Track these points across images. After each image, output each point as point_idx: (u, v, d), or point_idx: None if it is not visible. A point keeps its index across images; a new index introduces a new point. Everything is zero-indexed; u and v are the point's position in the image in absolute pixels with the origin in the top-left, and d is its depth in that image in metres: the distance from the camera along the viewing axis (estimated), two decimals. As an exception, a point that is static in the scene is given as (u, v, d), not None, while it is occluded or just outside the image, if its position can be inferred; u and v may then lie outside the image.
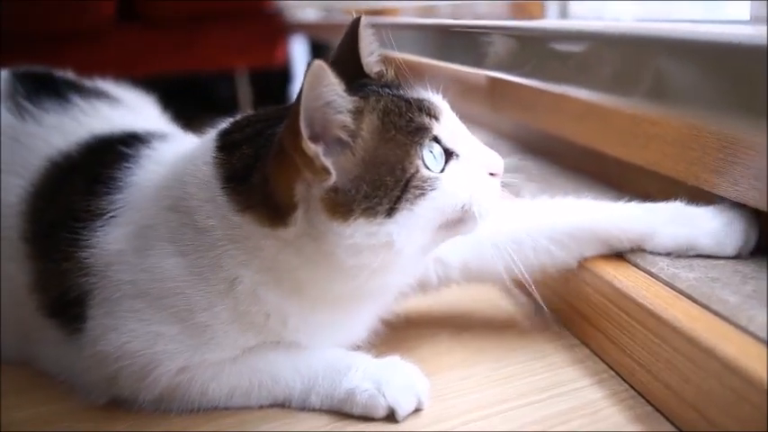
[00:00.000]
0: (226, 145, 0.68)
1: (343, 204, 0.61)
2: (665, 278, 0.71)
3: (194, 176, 0.67)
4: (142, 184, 0.72)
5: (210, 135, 0.71)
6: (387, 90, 0.66)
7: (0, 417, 0.72)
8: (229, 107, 2.29)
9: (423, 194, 0.62)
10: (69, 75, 0.99)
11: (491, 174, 0.68)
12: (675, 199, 0.76)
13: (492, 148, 1.26)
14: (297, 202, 0.62)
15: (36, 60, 0.99)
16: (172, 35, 2.05)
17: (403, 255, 0.64)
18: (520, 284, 0.96)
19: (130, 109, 0.95)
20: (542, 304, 0.80)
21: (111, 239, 0.69)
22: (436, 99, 0.69)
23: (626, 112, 0.88)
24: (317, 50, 2.57)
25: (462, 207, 0.65)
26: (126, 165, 0.74)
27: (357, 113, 0.62)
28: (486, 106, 1.35)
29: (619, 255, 0.79)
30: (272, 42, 2.33)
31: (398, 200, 0.61)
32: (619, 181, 0.99)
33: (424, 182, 0.62)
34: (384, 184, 0.61)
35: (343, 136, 0.62)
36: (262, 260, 0.65)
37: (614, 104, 0.84)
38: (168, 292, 0.66)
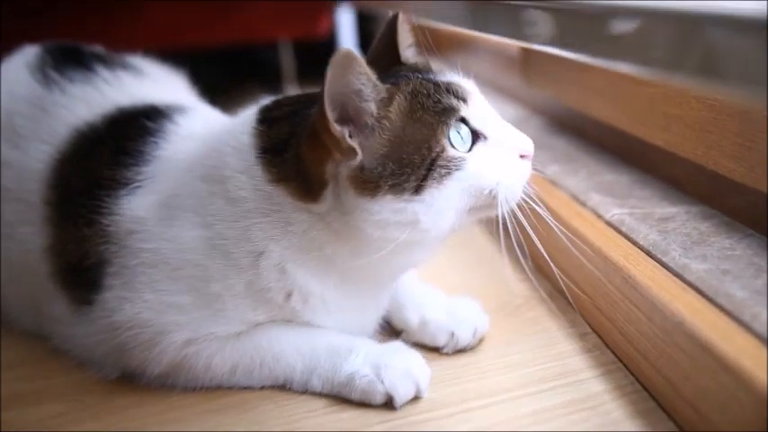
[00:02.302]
0: (266, 119, 0.70)
1: (370, 181, 0.62)
2: (675, 268, 0.69)
3: (232, 146, 0.69)
4: (170, 157, 0.74)
5: (251, 110, 0.73)
6: (417, 74, 0.67)
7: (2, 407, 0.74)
8: (273, 77, 2.31)
9: (449, 173, 0.62)
10: (98, 48, 1.00)
11: (521, 156, 0.67)
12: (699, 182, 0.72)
13: (523, 122, 1.25)
14: (327, 179, 0.64)
15: (78, 33, 1.01)
16: (212, 6, 2.05)
17: (429, 233, 0.65)
18: (537, 266, 0.95)
19: (156, 82, 0.96)
20: (563, 283, 0.78)
21: (134, 207, 0.71)
22: (465, 82, 0.69)
23: (648, 90, 0.84)
24: (364, 21, 2.54)
25: (490, 191, 0.64)
26: (152, 138, 0.76)
27: (387, 99, 0.63)
28: (518, 79, 1.31)
29: (632, 241, 0.77)
30: (315, 13, 2.30)
31: (425, 178, 0.62)
32: (644, 162, 0.95)
33: (450, 161, 0.63)
34: (411, 163, 0.62)
35: (371, 121, 0.63)
36: (292, 235, 0.66)
37: (661, 81, 0.80)
38: (186, 263, 0.68)
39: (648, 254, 0.73)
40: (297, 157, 0.65)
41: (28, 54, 0.92)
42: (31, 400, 0.74)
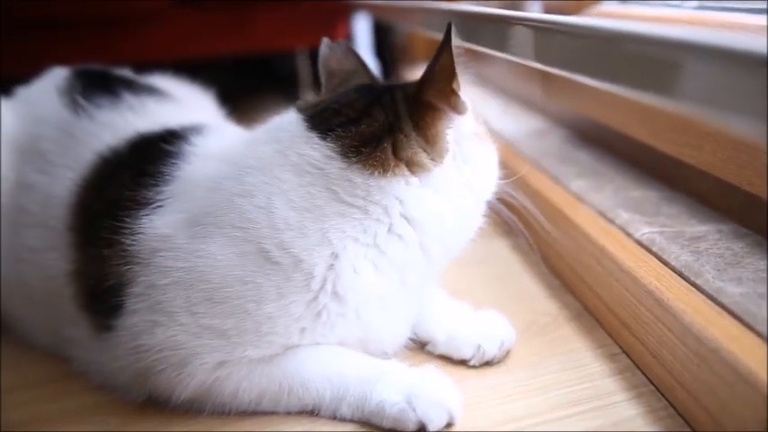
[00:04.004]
0: (335, 123, 0.70)
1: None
2: (709, 291, 0.67)
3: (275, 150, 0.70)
4: (188, 177, 0.73)
5: (287, 117, 0.74)
6: None
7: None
8: (290, 85, 2.31)
9: None
10: (126, 72, 1.00)
11: None
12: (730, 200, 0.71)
13: (545, 135, 1.24)
14: (448, 144, 0.70)
15: (93, 46, 1.01)
16: (228, 16, 2.05)
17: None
18: (565, 284, 0.94)
19: (181, 104, 0.96)
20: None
21: (157, 225, 0.70)
22: None
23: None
24: (380, 31, 2.53)
25: None
26: (171, 160, 0.75)
27: None
28: (540, 93, 1.30)
29: (664, 261, 0.75)
30: (332, 22, 2.30)
31: None
32: (670, 177, 0.94)
33: None
34: None
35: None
36: (367, 229, 0.68)
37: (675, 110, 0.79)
38: (231, 280, 0.66)
39: (681, 275, 0.71)
40: (398, 114, 0.69)
41: (57, 77, 0.93)
42: (56, 421, 0.74)
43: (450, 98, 0.68)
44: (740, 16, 0.86)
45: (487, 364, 0.77)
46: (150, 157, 0.77)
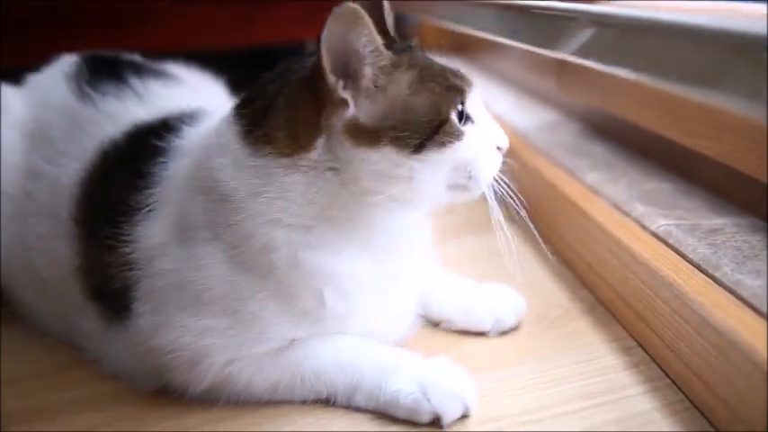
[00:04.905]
0: (244, 102, 0.70)
1: (370, 132, 0.63)
2: (727, 284, 0.66)
3: (218, 144, 0.68)
4: (173, 176, 0.72)
5: (233, 103, 0.72)
6: (420, 52, 0.69)
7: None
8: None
9: (450, 142, 0.64)
10: (136, 57, 0.99)
11: (498, 148, 0.70)
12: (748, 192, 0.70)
13: (558, 127, 1.23)
14: (321, 128, 0.64)
15: (100, 42, 1.00)
16: (233, 8, 2.04)
17: (419, 195, 0.67)
18: (577, 276, 0.93)
19: (189, 88, 0.95)
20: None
21: (151, 234, 0.70)
22: (465, 71, 0.71)
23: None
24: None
25: (468, 169, 0.67)
26: (160, 158, 0.74)
27: (390, 66, 0.64)
28: (554, 86, 1.29)
29: (681, 254, 0.74)
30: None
31: (428, 139, 0.64)
32: (686, 169, 0.93)
33: (453, 130, 0.65)
34: (417, 122, 0.64)
35: (369, 83, 0.64)
36: (291, 211, 0.65)
37: (694, 98, 0.79)
38: (212, 281, 0.66)
39: (698, 268, 0.71)
40: (287, 104, 0.65)
41: (65, 64, 0.92)
42: (68, 409, 0.73)
43: (324, 83, 0.63)
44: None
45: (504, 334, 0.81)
46: (143, 154, 0.75)
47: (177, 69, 0.99)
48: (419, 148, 0.63)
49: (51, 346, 0.83)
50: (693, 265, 0.72)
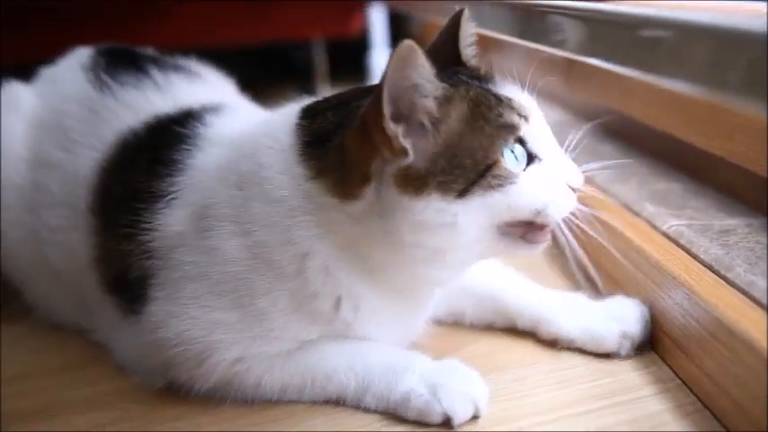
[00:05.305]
0: (309, 113, 0.68)
1: (417, 179, 0.60)
2: (740, 285, 0.66)
3: (270, 146, 0.67)
4: (200, 165, 0.72)
5: (290, 108, 0.71)
6: (477, 82, 0.65)
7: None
8: (305, 75, 2.30)
9: (500, 186, 0.61)
10: (150, 50, 0.99)
11: (570, 187, 0.65)
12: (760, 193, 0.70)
13: (567, 127, 1.22)
14: (371, 176, 0.62)
15: (111, 32, 1.00)
16: (246, 5, 2.04)
17: (461, 242, 0.63)
18: (589, 279, 0.93)
19: (209, 84, 0.95)
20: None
21: (172, 222, 0.69)
22: (526, 99, 0.67)
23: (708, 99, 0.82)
24: (396, 21, 2.52)
25: (536, 210, 0.63)
26: (185, 146, 0.74)
27: (444, 100, 0.62)
28: (563, 85, 1.29)
29: (692, 255, 0.74)
30: (348, 12, 2.30)
31: (473, 183, 0.60)
32: (696, 169, 0.93)
33: (502, 174, 0.61)
34: (462, 165, 0.60)
35: (426, 121, 0.61)
36: (335, 234, 0.64)
37: (702, 97, 0.78)
38: (228, 276, 0.66)
39: (711, 269, 0.70)
40: (341, 147, 0.62)
41: (81, 55, 0.92)
42: (77, 407, 0.74)
43: (382, 132, 0.60)
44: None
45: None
46: (166, 142, 0.75)
47: (192, 64, 0.99)
48: (463, 192, 0.61)
49: (55, 345, 0.84)
50: (705, 266, 0.71)
